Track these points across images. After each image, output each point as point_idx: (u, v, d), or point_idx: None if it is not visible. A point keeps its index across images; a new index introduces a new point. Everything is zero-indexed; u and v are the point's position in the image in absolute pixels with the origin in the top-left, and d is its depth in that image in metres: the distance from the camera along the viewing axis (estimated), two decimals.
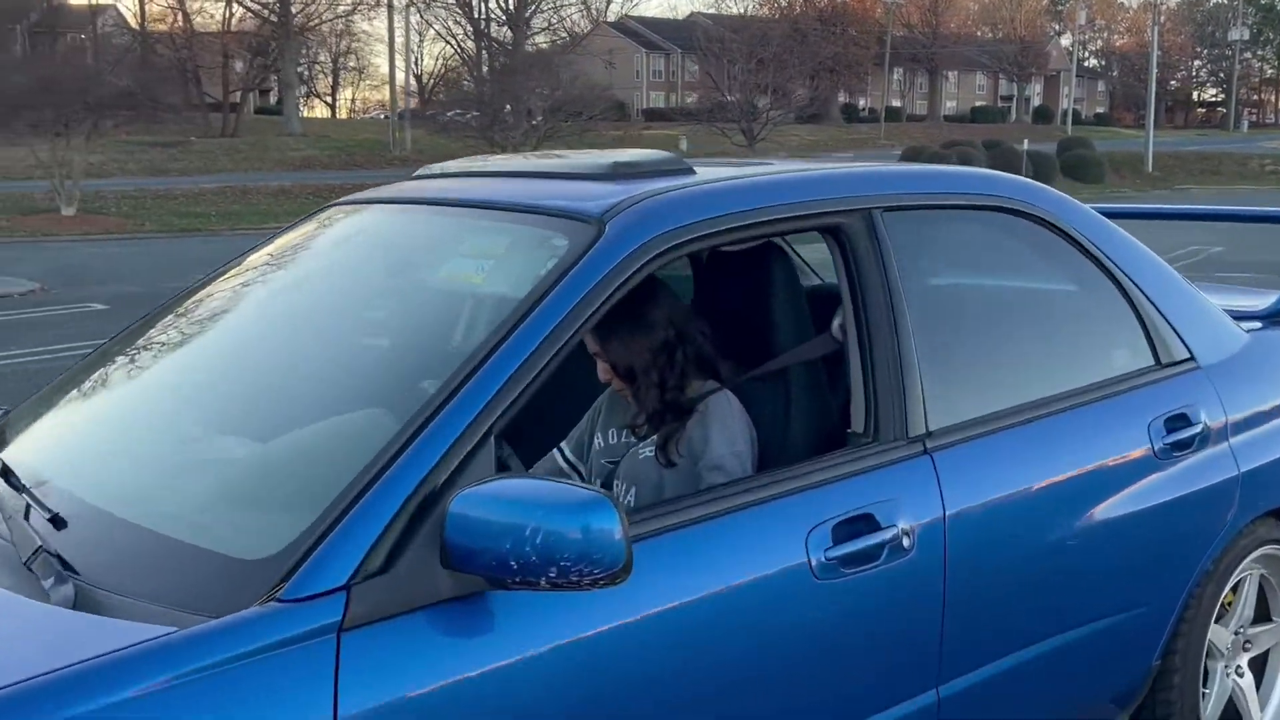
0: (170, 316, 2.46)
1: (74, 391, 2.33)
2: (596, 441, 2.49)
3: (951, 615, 2.15)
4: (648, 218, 1.97)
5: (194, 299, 2.48)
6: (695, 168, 2.27)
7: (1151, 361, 2.63)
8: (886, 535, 2.04)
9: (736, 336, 2.38)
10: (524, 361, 1.74)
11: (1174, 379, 2.62)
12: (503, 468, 2.06)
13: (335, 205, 2.67)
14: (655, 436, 2.31)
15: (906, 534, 2.07)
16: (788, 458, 2.23)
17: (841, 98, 61.69)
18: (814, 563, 1.96)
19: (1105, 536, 2.42)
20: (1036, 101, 76.56)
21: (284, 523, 1.60)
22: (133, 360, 2.34)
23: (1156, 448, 2.50)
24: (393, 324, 2.18)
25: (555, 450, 2.57)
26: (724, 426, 2.27)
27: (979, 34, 74.70)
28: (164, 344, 2.35)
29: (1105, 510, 2.41)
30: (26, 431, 2.24)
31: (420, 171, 2.76)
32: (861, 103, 66.63)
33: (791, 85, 38.59)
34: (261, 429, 1.98)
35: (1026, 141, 34.03)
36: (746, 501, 1.96)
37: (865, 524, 2.04)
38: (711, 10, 53.65)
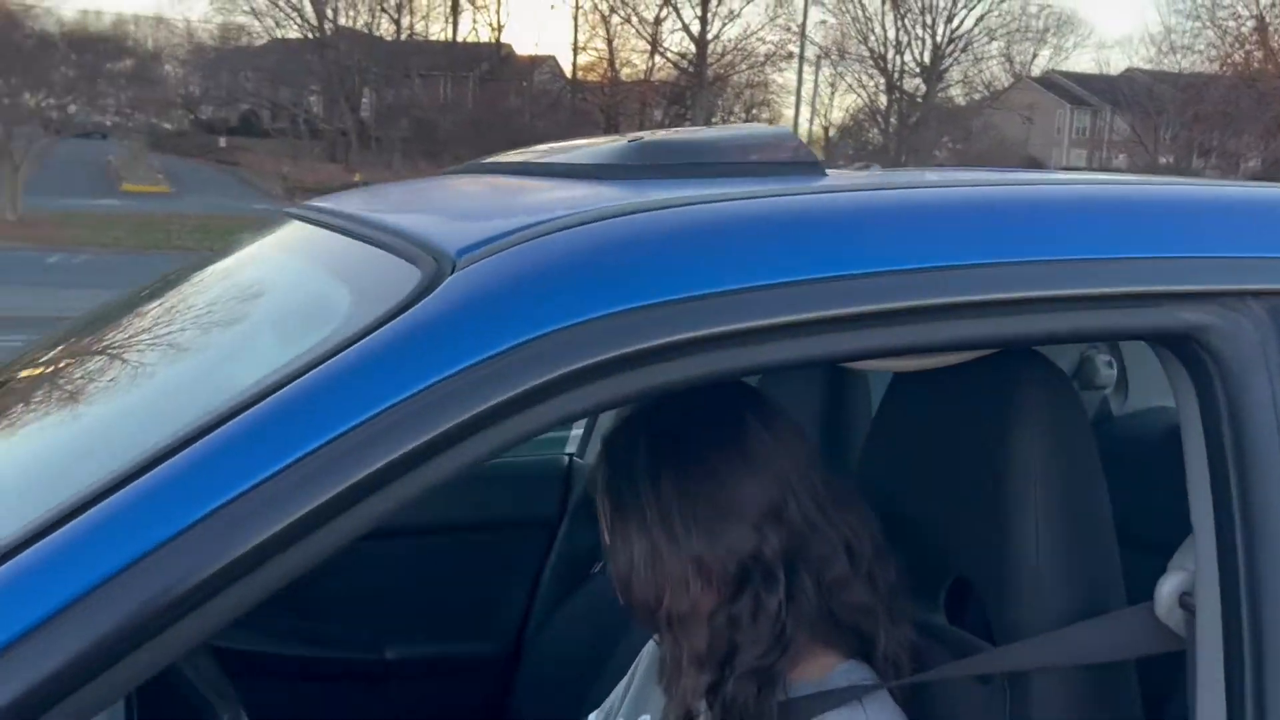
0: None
1: None
2: None
3: None
4: (528, 273, 0.71)
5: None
6: (829, 169, 0.96)
7: None
8: None
9: (915, 550, 1.04)
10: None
11: None
12: None
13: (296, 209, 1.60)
14: None
15: None
16: None
17: None
18: None
19: None
20: None
21: None
22: None
23: None
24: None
25: None
26: None
27: None
28: None
29: None
30: None
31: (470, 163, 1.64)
32: None
33: (1237, 145, 33.49)
34: None
35: None
36: None
37: None
38: (1149, 66, 48.34)
